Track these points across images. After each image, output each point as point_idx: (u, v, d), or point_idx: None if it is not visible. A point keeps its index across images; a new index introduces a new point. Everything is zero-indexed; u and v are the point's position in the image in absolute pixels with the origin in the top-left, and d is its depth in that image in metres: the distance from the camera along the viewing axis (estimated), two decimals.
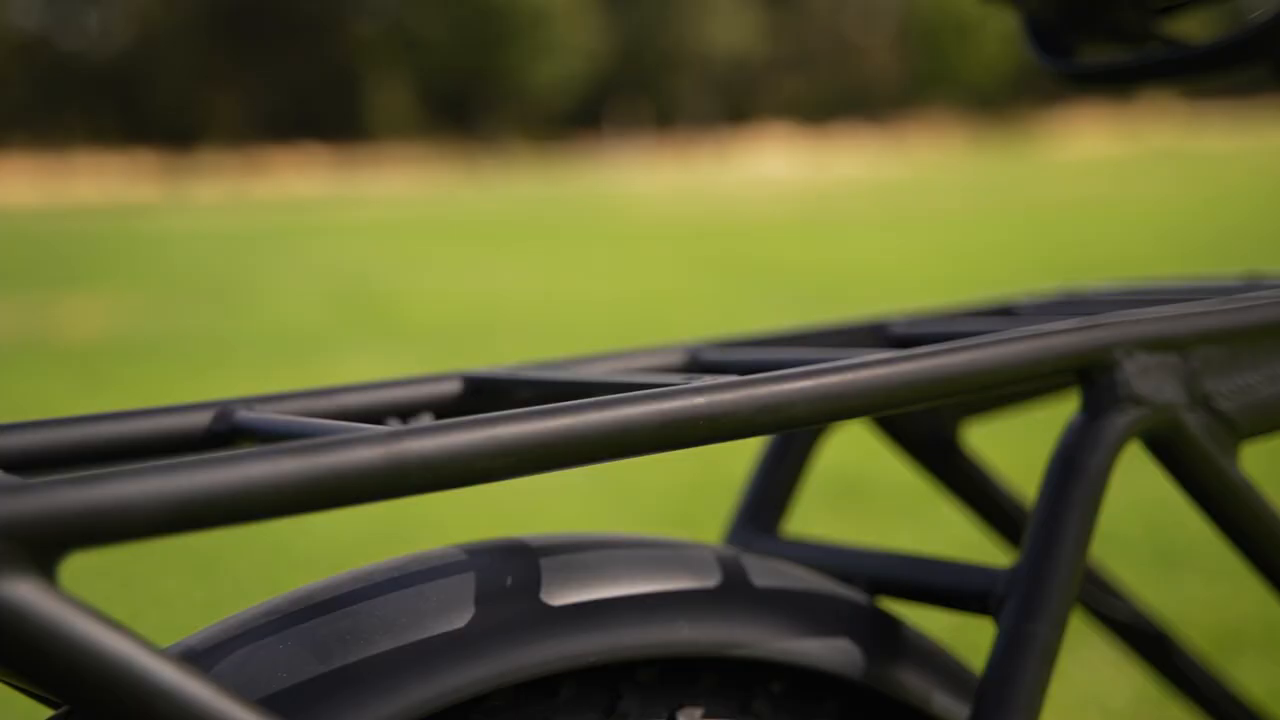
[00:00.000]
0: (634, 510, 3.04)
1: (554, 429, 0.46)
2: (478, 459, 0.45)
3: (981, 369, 0.55)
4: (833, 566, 0.64)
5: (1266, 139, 24.03)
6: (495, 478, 0.46)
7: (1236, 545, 0.64)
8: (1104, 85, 0.74)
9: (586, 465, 0.48)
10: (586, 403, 0.48)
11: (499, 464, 0.45)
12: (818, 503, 2.92)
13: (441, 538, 2.85)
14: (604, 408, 0.47)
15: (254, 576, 2.64)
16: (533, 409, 0.47)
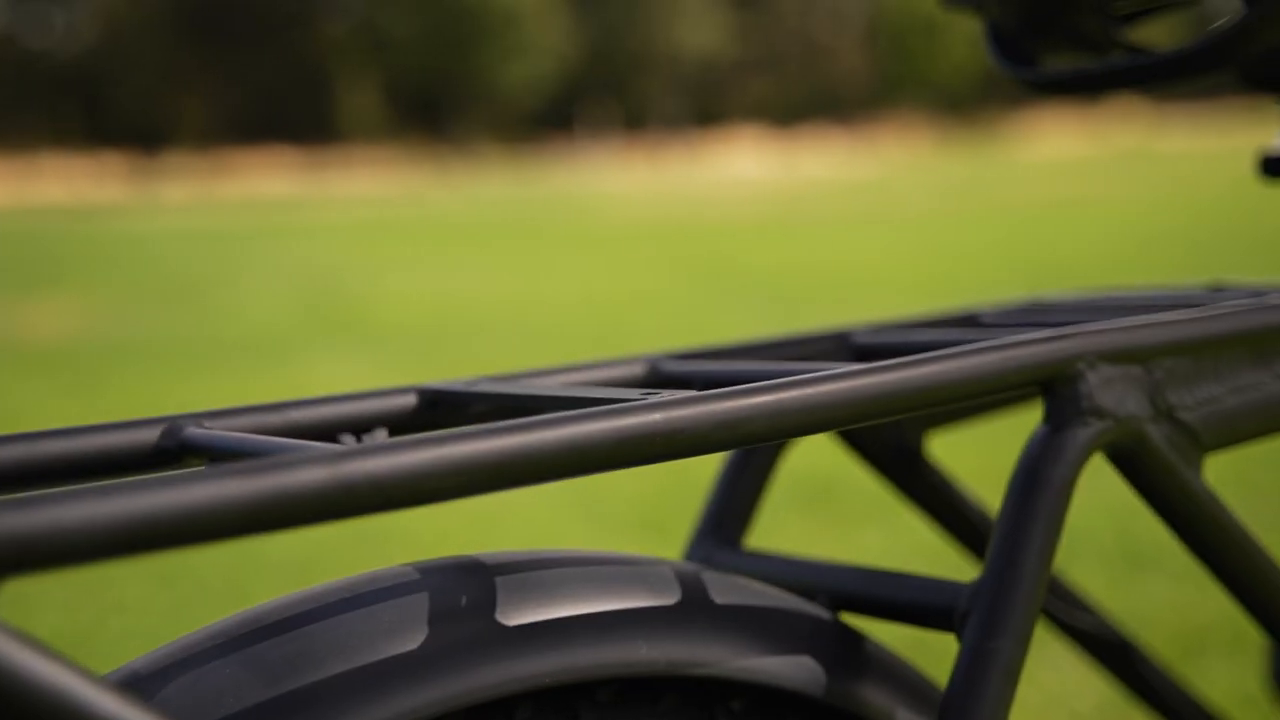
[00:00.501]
0: (602, 513, 3.03)
1: (507, 447, 0.45)
2: (428, 479, 0.44)
3: (943, 382, 0.54)
4: (795, 581, 0.63)
5: (1228, 139, 24.27)
6: (447, 497, 0.45)
7: (1201, 559, 0.63)
8: (1067, 92, 0.73)
9: (541, 484, 0.47)
10: (540, 420, 0.47)
11: (450, 483, 0.44)
12: (787, 507, 2.91)
13: (412, 540, 2.83)
14: (558, 425, 0.46)
15: (220, 582, 2.62)
16: (485, 427, 0.46)
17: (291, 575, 2.64)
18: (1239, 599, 0.65)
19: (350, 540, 2.86)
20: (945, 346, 0.65)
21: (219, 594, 2.56)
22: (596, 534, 2.88)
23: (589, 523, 2.98)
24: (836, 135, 36.20)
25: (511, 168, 31.36)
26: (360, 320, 6.83)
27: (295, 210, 18.45)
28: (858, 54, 43.49)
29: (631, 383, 0.64)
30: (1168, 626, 2.16)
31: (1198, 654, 2.06)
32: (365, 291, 8.11)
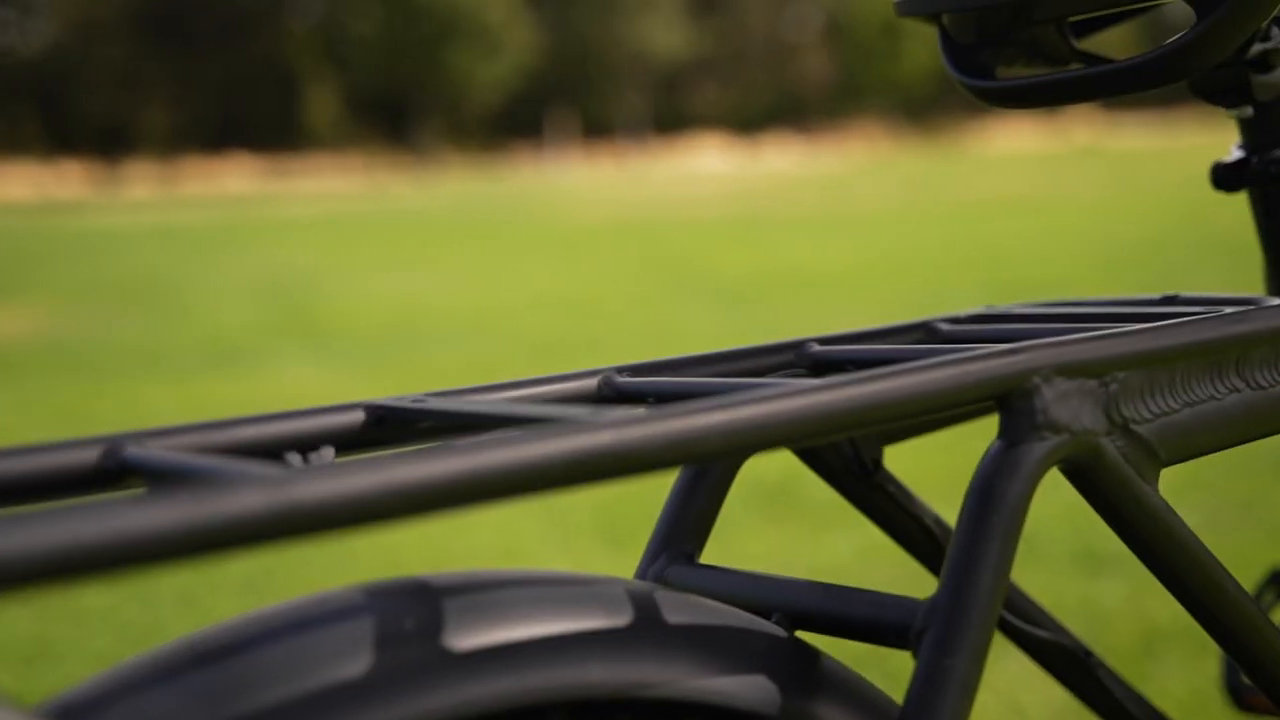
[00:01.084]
0: (561, 516, 3.02)
1: (452, 470, 0.44)
2: (371, 502, 0.43)
3: (898, 398, 0.54)
4: (751, 598, 0.62)
5: (1181, 139, 24.58)
6: (391, 521, 0.44)
7: (1156, 573, 0.63)
8: (1022, 103, 0.73)
9: (489, 505, 0.46)
10: (489, 439, 0.46)
11: (394, 506, 0.44)
12: (747, 511, 2.91)
13: (373, 542, 2.81)
14: (507, 445, 0.46)
15: (175, 594, 2.59)
16: (431, 448, 0.45)
17: (254, 591, 2.61)
18: (1194, 614, 0.65)
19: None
20: (900, 359, 0.64)
21: (176, 608, 2.53)
22: (555, 535, 2.87)
23: (547, 524, 2.97)
24: (800, 137, 36.32)
25: (476, 170, 31.29)
26: (324, 324, 6.78)
27: (258, 212, 18.34)
28: (821, 57, 43.64)
29: (583, 398, 0.63)
30: (1127, 628, 2.17)
31: (1158, 654, 2.07)
32: (329, 295, 8.07)
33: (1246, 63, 0.76)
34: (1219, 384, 0.64)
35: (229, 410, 4.62)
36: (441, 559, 2.76)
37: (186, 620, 2.44)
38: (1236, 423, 0.65)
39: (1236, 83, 0.76)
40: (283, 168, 32.63)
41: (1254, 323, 0.66)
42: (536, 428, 0.48)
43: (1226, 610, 0.64)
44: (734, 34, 44.24)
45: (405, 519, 0.44)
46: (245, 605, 2.48)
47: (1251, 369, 0.65)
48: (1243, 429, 0.65)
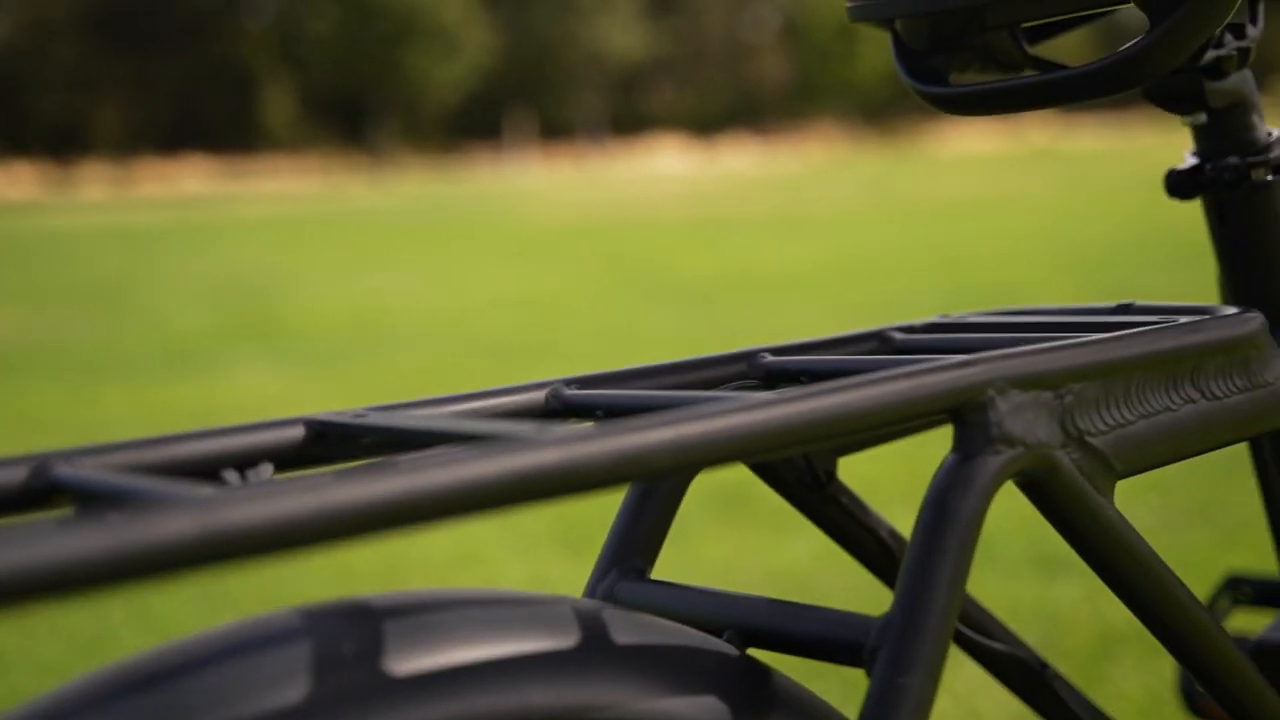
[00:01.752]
0: (518, 521, 3.00)
1: (392, 490, 0.43)
2: (306, 526, 0.41)
3: (851, 412, 0.53)
4: (703, 615, 0.61)
5: (1135, 140, 24.84)
6: (327, 545, 0.43)
7: (1112, 586, 0.62)
8: (975, 110, 0.72)
9: (429, 527, 0.45)
10: (429, 458, 0.45)
11: (331, 529, 0.42)
12: (705, 514, 2.90)
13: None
14: (448, 464, 0.44)
15: (127, 605, 2.55)
16: (370, 467, 0.44)
17: (208, 612, 2.58)
18: (1149, 625, 0.64)
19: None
20: (853, 371, 0.64)
21: (129, 628, 2.49)
22: (516, 545, 2.86)
23: (508, 532, 2.95)
24: (757, 138, 36.42)
25: (434, 171, 31.18)
26: (281, 327, 6.73)
27: (214, 213, 18.20)
28: (778, 58, 43.77)
29: (530, 412, 0.62)
30: (1083, 629, 2.18)
31: (1115, 655, 2.07)
32: (286, 297, 8.01)
33: (1200, 69, 0.75)
34: (1174, 395, 0.64)
35: (185, 414, 4.60)
36: (397, 565, 2.74)
37: (138, 630, 2.41)
38: (1192, 434, 0.64)
39: (1190, 90, 0.76)
40: (239, 169, 32.40)
41: (1209, 332, 0.65)
42: (479, 445, 0.47)
43: (1180, 622, 0.64)
44: (691, 35, 44.30)
45: (342, 542, 0.43)
46: (202, 614, 2.45)
47: (1207, 379, 0.65)
48: (1198, 440, 0.64)
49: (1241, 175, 0.78)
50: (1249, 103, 0.79)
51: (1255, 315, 0.68)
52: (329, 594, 2.55)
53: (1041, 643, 2.14)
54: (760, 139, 36.38)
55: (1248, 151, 0.79)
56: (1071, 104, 0.70)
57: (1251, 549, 2.51)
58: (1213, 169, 0.79)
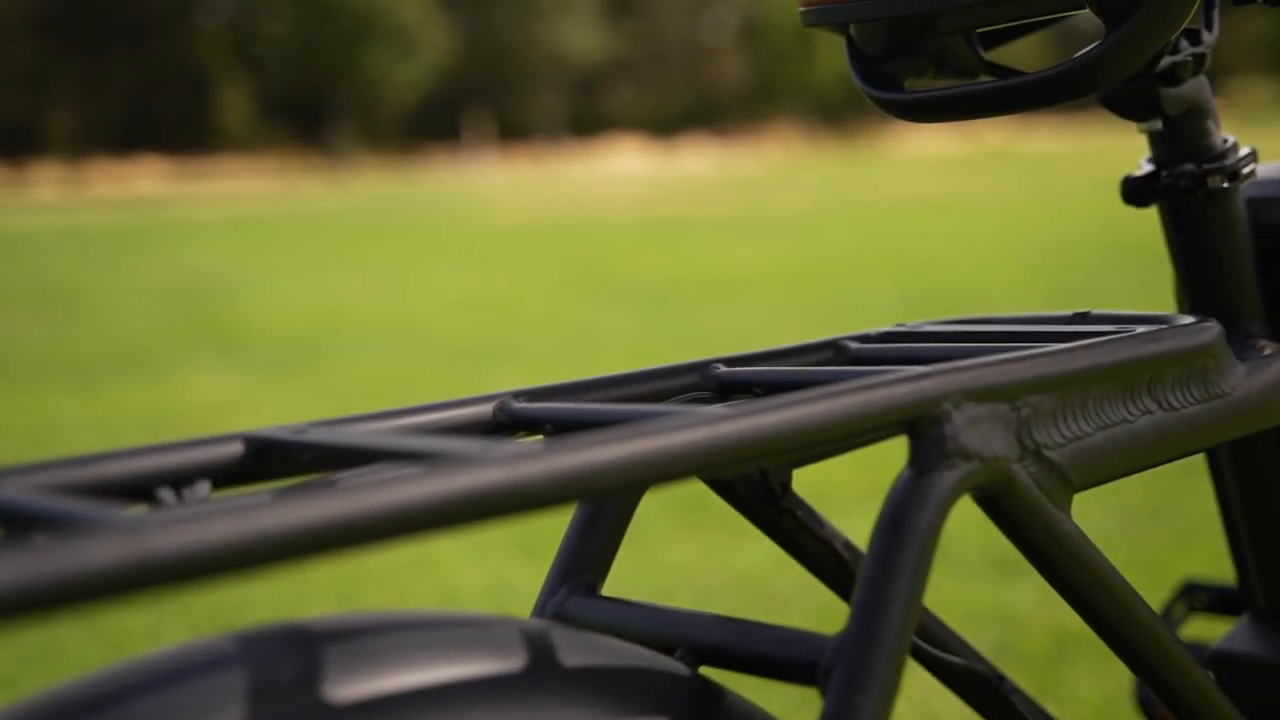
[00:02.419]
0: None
1: (328, 514, 0.42)
2: (238, 551, 0.40)
3: (805, 426, 0.52)
4: (655, 633, 0.60)
5: (1091, 142, 25.08)
6: (260, 570, 0.41)
7: (1069, 600, 0.61)
8: (930, 116, 0.71)
9: (369, 550, 0.44)
10: (368, 480, 0.43)
11: (264, 554, 0.41)
12: (665, 517, 2.89)
13: None
14: (387, 486, 0.43)
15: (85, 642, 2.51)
16: (305, 489, 0.42)
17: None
18: (1105, 639, 0.64)
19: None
20: (808, 382, 0.63)
21: (84, 647, 2.45)
22: (473, 549, 2.83)
23: (464, 535, 2.93)
24: (716, 140, 36.49)
25: (392, 172, 31.05)
26: (237, 329, 6.67)
27: (169, 214, 18.04)
28: (737, 60, 43.87)
29: (477, 427, 0.60)
30: (1040, 630, 2.18)
31: (1071, 656, 2.08)
32: (242, 299, 7.94)
33: (1156, 76, 0.75)
34: (1131, 406, 0.63)
35: (138, 418, 4.55)
36: (351, 572, 2.71)
37: (89, 641, 2.37)
38: (1149, 445, 0.63)
39: (1146, 96, 0.75)
40: (194, 169, 32.13)
41: (1166, 343, 0.64)
42: (422, 464, 0.46)
43: (1136, 635, 0.63)
44: (650, 36, 44.33)
45: (275, 567, 0.41)
46: (152, 624, 2.42)
47: (1164, 390, 0.64)
48: (1155, 451, 0.64)
49: (1197, 182, 0.77)
50: (1204, 109, 0.79)
51: (1212, 325, 0.67)
52: (283, 600, 2.52)
53: (998, 645, 2.15)
54: (719, 140, 36.45)
55: (1203, 158, 0.78)
56: (1027, 111, 0.69)
57: (1205, 550, 2.52)
58: (1168, 176, 0.78)
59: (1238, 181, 0.79)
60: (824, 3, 0.72)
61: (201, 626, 2.39)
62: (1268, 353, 0.73)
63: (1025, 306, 5.92)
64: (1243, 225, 0.80)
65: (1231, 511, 0.87)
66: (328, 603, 2.53)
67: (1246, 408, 0.68)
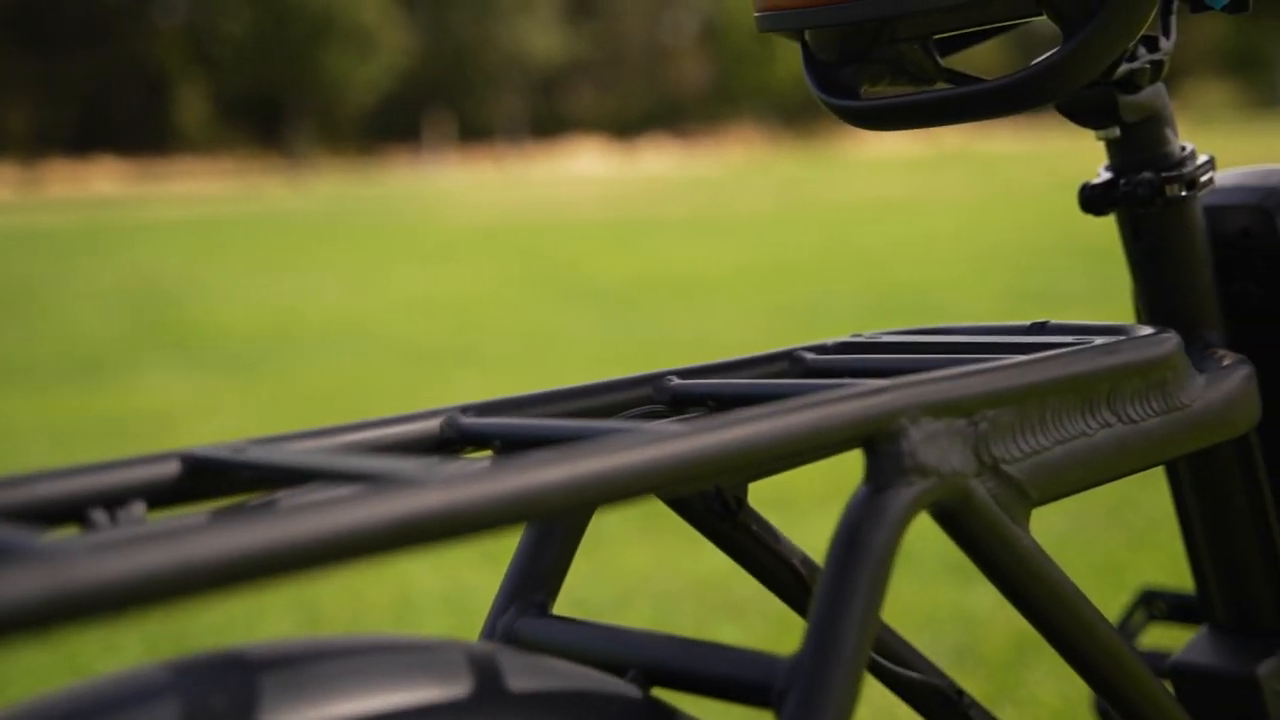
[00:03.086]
0: None
1: (262, 541, 0.40)
2: (165, 581, 0.38)
3: (755, 444, 0.50)
4: (606, 653, 0.59)
5: (1048, 143, 25.28)
6: (190, 599, 0.39)
7: (1028, 616, 0.60)
8: (887, 124, 0.70)
9: (307, 576, 0.42)
10: (305, 503, 0.42)
11: (193, 583, 0.39)
12: (625, 520, 2.88)
13: None
14: (326, 510, 0.41)
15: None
16: (239, 513, 0.41)
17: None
18: (1065, 655, 0.63)
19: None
20: (762, 395, 0.61)
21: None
22: (431, 555, 2.81)
23: None
24: (677, 141, 36.52)
25: (352, 173, 30.90)
26: (194, 332, 6.60)
27: (125, 215, 17.88)
28: (697, 61, 43.92)
29: (423, 444, 0.59)
30: (1000, 634, 2.18)
31: (1030, 660, 2.08)
32: (200, 301, 7.87)
33: (1114, 83, 0.74)
34: (1090, 419, 0.62)
35: (95, 423, 4.49)
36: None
37: (37, 660, 2.33)
38: (1108, 459, 0.63)
39: (1104, 103, 0.75)
40: (151, 170, 31.87)
41: (1125, 354, 0.64)
42: (362, 485, 0.44)
43: (1096, 652, 0.63)
44: (611, 38, 44.32)
45: (206, 595, 0.40)
46: (106, 640, 2.39)
47: (1123, 403, 0.63)
48: (1115, 465, 0.63)
49: (1156, 191, 0.76)
50: (1162, 116, 0.78)
51: (1171, 335, 0.67)
52: (239, 611, 2.49)
53: (958, 648, 2.15)
54: (679, 141, 36.48)
55: (1161, 166, 0.77)
56: (984, 119, 0.68)
57: (1163, 550, 2.53)
58: (1127, 184, 0.78)
59: (1196, 190, 0.78)
60: (778, 8, 0.71)
61: (160, 641, 2.35)
62: (1226, 363, 0.72)
63: (985, 307, 5.95)
64: (1201, 234, 0.80)
65: (1191, 522, 0.87)
66: (283, 612, 2.50)
67: (1206, 420, 0.67)
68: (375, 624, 2.47)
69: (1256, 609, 0.85)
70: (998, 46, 0.87)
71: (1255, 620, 0.86)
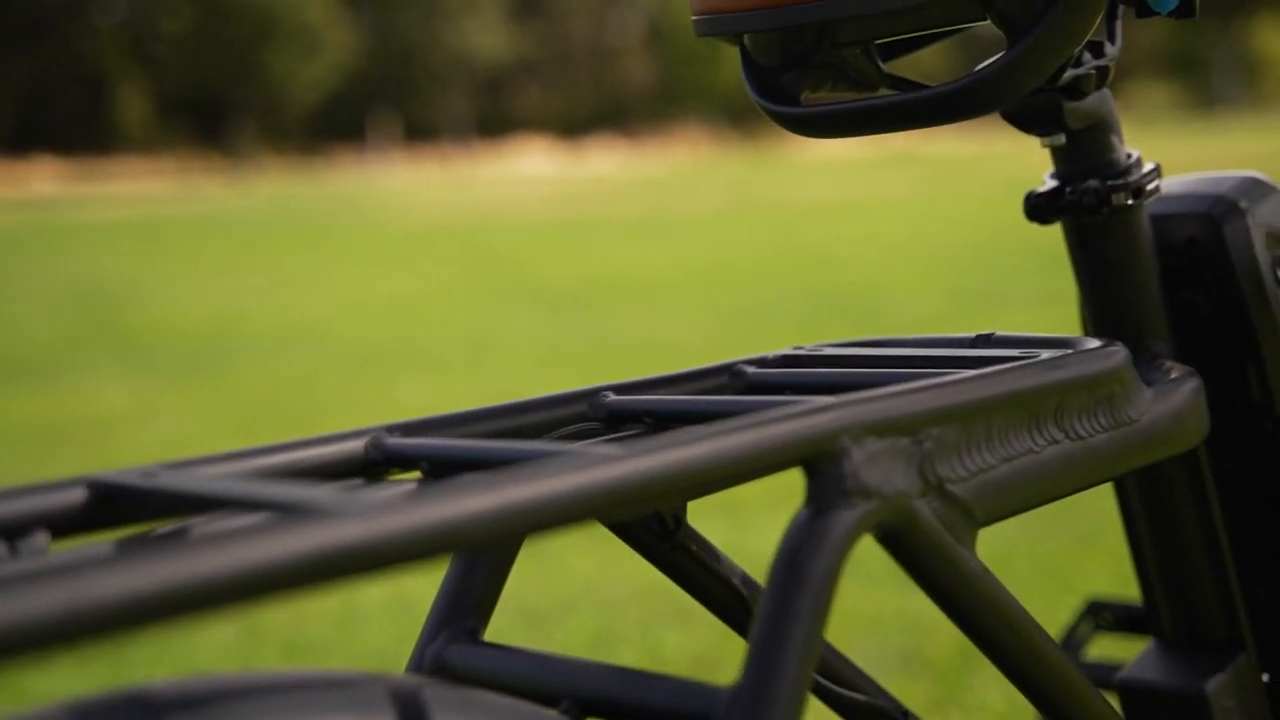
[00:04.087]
0: None
1: (163, 581, 0.37)
2: (46, 628, 0.36)
3: (693, 467, 0.48)
4: (538, 682, 0.56)
5: (992, 144, 25.51)
6: (80, 645, 0.37)
7: (974, 638, 0.59)
8: (827, 132, 0.68)
9: (213, 616, 0.40)
10: (213, 534, 0.39)
11: (81, 628, 0.36)
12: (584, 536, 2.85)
13: None
14: (232, 545, 0.39)
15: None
16: (141, 548, 0.38)
17: None
18: (1012, 678, 0.61)
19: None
20: (701, 413, 0.60)
21: None
22: None
23: None
24: (623, 141, 36.53)
25: (296, 173, 30.66)
26: (134, 335, 6.50)
27: (64, 216, 17.63)
28: (643, 61, 43.94)
29: (346, 466, 0.56)
30: (948, 639, 2.18)
31: (976, 666, 2.07)
32: (140, 303, 7.76)
33: (1059, 89, 0.72)
34: (1037, 436, 0.60)
35: (29, 429, 4.40)
36: None
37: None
38: (1056, 476, 0.61)
39: (1049, 110, 0.73)
40: (91, 170, 31.46)
41: (1072, 369, 0.62)
42: (277, 515, 0.42)
43: (1043, 675, 0.61)
44: (556, 37, 44.25)
45: (99, 640, 0.37)
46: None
47: (1070, 419, 0.62)
48: (1062, 482, 0.61)
49: (1102, 199, 0.75)
50: (1108, 123, 0.77)
51: (1119, 349, 0.65)
52: None
53: (904, 653, 2.14)
54: (626, 141, 36.49)
55: (1107, 174, 0.76)
56: (927, 126, 0.66)
57: (1107, 552, 2.54)
58: (1072, 192, 0.76)
59: (1142, 198, 0.77)
60: (716, 11, 0.69)
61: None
62: (1174, 376, 0.71)
63: (931, 308, 5.97)
64: (1148, 242, 0.78)
65: (1139, 537, 0.85)
66: (223, 621, 2.45)
67: (1154, 435, 0.66)
68: (318, 632, 2.43)
69: (1205, 624, 0.84)
70: (942, 51, 0.86)
71: (1204, 636, 0.84)
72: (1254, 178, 0.84)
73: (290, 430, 4.12)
